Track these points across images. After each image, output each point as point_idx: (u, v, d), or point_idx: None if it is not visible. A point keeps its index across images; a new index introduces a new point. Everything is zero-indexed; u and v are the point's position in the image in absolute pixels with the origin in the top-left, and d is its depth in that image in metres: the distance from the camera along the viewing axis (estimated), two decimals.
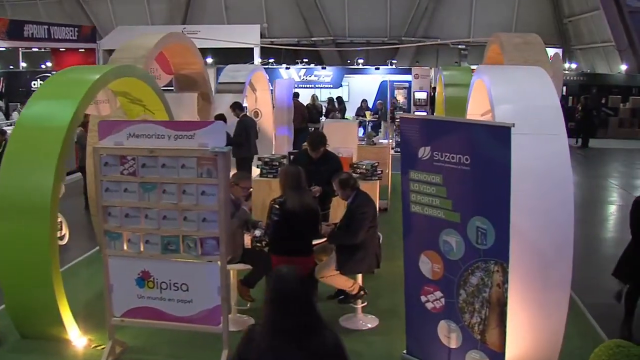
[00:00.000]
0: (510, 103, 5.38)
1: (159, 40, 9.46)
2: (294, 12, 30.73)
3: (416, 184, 4.92)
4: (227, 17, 31.40)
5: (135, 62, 8.92)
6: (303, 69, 23.34)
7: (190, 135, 5.28)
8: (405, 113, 11.61)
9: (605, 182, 16.04)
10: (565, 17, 28.73)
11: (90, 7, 32.55)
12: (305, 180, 5.86)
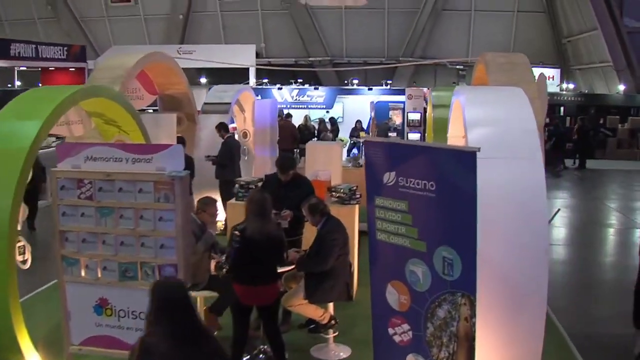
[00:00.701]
0: (484, 126, 5.16)
1: (138, 60, 9.29)
2: (292, 32, 30.77)
3: (381, 211, 4.67)
4: (224, 36, 31.46)
5: (114, 81, 8.76)
6: (296, 90, 23.21)
7: (148, 158, 5.09)
8: (374, 137, 11.27)
9: (602, 204, 15.78)
10: (564, 37, 28.66)
11: (88, 26, 32.70)
12: (273, 205, 5.64)
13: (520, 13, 29.01)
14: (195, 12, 31.49)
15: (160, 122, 9.33)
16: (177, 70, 11.13)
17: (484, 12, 29.03)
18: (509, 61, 8.59)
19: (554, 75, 27.17)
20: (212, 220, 6.22)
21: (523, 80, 8.06)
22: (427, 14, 28.80)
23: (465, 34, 29.58)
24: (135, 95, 10.78)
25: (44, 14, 32.46)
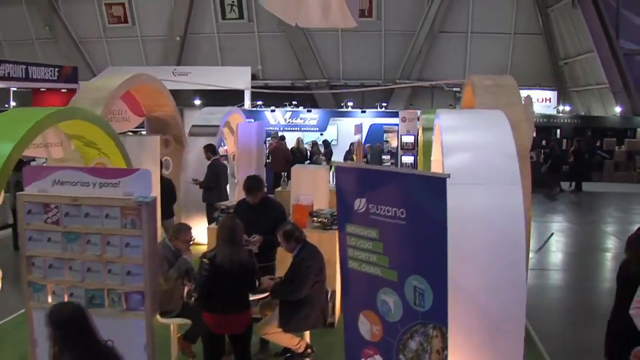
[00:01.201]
0: (462, 151, 5.03)
1: (122, 82, 9.20)
2: (288, 54, 30.76)
3: (353, 239, 4.54)
4: (221, 58, 31.47)
5: (96, 103, 8.66)
6: (289, 112, 23.15)
7: (115, 183, 4.96)
8: (347, 163, 11.02)
9: (598, 228, 15.60)
10: (561, 59, 28.66)
11: (86, 47, 32.75)
12: (244, 231, 5.49)
13: (517, 35, 29.00)
14: (192, 34, 31.49)
15: (144, 144, 9.22)
16: (164, 93, 11.05)
17: (480, 34, 29.02)
18: (496, 83, 8.47)
19: (550, 97, 27.18)
20: (185, 246, 6.08)
21: (510, 103, 7.95)
22: (423, 36, 28.81)
23: (462, 56, 29.57)
24: (121, 117, 10.68)
25: (42, 35, 32.54)
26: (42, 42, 32.84)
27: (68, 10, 31.87)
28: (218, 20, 30.88)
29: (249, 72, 26.73)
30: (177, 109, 11.70)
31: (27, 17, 32.32)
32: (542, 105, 26.76)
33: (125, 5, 31.23)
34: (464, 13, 28.78)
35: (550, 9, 27.62)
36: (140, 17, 31.50)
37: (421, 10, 28.81)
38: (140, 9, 31.23)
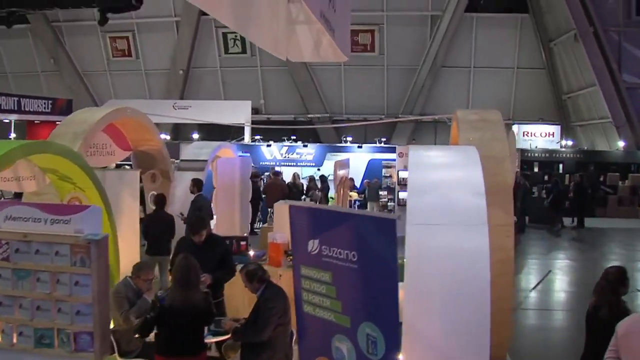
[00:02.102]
0: (427, 189, 4.83)
1: (103, 116, 9.09)
2: (291, 89, 30.83)
3: (307, 281, 4.35)
4: (224, 92, 31.59)
5: (75, 136, 8.54)
6: (285, 147, 23.06)
7: (67, 220, 4.81)
8: (301, 202, 10.66)
9: (600, 266, 15.18)
10: (564, 94, 28.54)
11: (90, 79, 33.05)
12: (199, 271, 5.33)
13: (520, 70, 28.98)
14: (195, 68, 31.69)
15: (123, 178, 9.09)
16: (150, 127, 10.94)
17: (483, 69, 29.02)
18: (481, 118, 8.29)
19: (554, 131, 26.99)
20: (147, 285, 5.89)
21: (494, 139, 7.76)
22: (426, 70, 28.83)
23: (465, 91, 29.54)
24: (106, 151, 10.59)
25: (47, 67, 32.92)
26: (46, 74, 33.25)
27: (73, 43, 32.28)
28: (221, 54, 31.07)
29: (249, 106, 26.74)
30: (164, 143, 11.60)
31: (32, 50, 32.80)
32: (545, 140, 26.61)
33: (129, 39, 31.55)
34: (467, 48, 28.83)
35: (553, 43, 27.60)
36: (144, 51, 31.79)
37: (423, 45, 28.87)
38: (144, 42, 31.53)
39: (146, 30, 30.96)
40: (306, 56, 10.80)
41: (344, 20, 10.68)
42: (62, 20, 31.45)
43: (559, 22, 26.37)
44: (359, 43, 29.30)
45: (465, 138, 7.84)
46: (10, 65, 33.46)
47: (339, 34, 10.22)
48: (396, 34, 28.91)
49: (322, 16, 8.18)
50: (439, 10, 27.99)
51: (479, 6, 28.16)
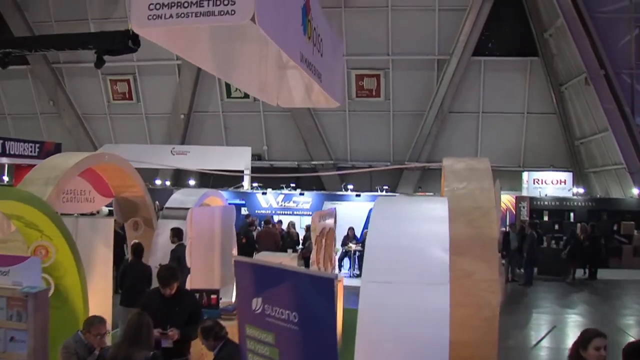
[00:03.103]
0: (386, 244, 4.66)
1: (78, 162, 9.05)
2: (295, 135, 30.91)
3: (252, 342, 4.16)
4: (226, 137, 31.71)
5: (47, 182, 8.51)
6: (281, 195, 22.95)
7: (5, 271, 4.68)
8: (245, 257, 10.34)
9: (611, 321, 14.81)
10: (577, 139, 28.35)
11: (90, 122, 33.38)
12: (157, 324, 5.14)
13: (530, 115, 28.93)
14: (196, 112, 31.93)
15: (96, 226, 8.97)
16: (131, 173, 10.89)
17: (492, 114, 28.99)
18: (468, 167, 8.14)
19: (565, 179, 26.71)
20: (98, 340, 5.69)
21: (480, 189, 7.60)
22: (433, 116, 28.81)
23: (473, 137, 29.47)
24: (84, 197, 10.51)
25: (47, 110, 33.33)
26: (46, 116, 33.67)
27: (73, 85, 32.76)
28: (223, 98, 31.32)
29: (249, 152, 26.75)
30: (147, 190, 11.53)
31: (32, 91, 33.28)
32: (557, 188, 26.31)
33: (130, 82, 31.94)
34: (475, 93, 28.89)
35: (564, 87, 27.55)
36: (145, 94, 32.16)
37: (430, 91, 28.96)
38: (145, 86, 31.90)
39: (147, 73, 31.36)
40: (297, 102, 10.77)
41: (333, 65, 10.63)
42: (62, 62, 32.03)
43: (570, 65, 26.40)
44: (364, 88, 29.49)
45: (449, 188, 7.69)
46: (9, 107, 33.95)
47: (328, 79, 10.16)
48: (402, 78, 29.08)
49: (303, 60, 8.13)
50: (446, 54, 28.15)
51: (487, 50, 28.31)
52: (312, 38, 8.66)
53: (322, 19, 9.56)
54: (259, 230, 18.44)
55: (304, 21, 8.15)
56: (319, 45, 9.33)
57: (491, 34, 28.19)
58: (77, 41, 19.86)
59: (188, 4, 5.80)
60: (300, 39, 8.00)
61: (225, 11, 5.70)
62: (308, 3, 8.30)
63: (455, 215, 7.28)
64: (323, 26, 9.72)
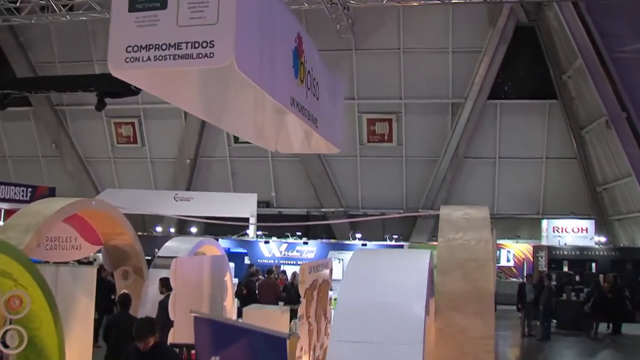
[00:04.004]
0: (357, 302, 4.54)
1: (61, 208, 9.07)
2: (304, 181, 30.95)
3: None
4: (233, 183, 31.78)
5: (27, 229, 8.52)
6: (284, 244, 22.84)
7: None
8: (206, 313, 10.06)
9: None
10: (599, 185, 28.04)
11: (93, 166, 33.65)
12: None
13: (549, 160, 28.74)
14: (203, 157, 32.09)
15: (78, 276, 8.91)
16: (120, 220, 10.89)
17: (509, 160, 28.87)
18: (465, 215, 8.05)
19: (587, 227, 26.36)
20: None
21: (477, 239, 7.50)
22: (447, 162, 28.74)
23: (490, 183, 29.30)
24: (70, 245, 10.50)
25: (49, 152, 33.67)
26: (47, 159, 33.99)
27: (77, 127, 33.12)
28: (230, 143, 31.47)
29: (255, 199, 26.71)
30: (137, 238, 11.50)
31: (34, 133, 33.63)
32: (578, 236, 25.96)
33: (134, 125, 32.23)
34: (491, 137, 28.84)
35: (584, 131, 27.36)
36: (150, 138, 32.42)
37: (444, 135, 28.99)
38: (151, 129, 32.19)
39: (153, 116, 31.62)
40: (296, 147, 10.73)
41: (331, 109, 10.60)
42: (65, 104, 32.50)
43: (590, 107, 26.30)
44: (376, 133, 29.59)
45: (444, 239, 7.58)
46: (10, 149, 34.32)
47: (325, 124, 10.12)
48: (415, 123, 29.18)
49: (295, 104, 8.11)
50: (461, 97, 28.24)
51: (503, 92, 28.36)
52: (305, 81, 8.63)
53: (318, 61, 9.56)
54: (262, 280, 18.29)
55: (296, 64, 8.14)
56: (315, 89, 9.31)
57: (507, 77, 28.28)
58: (77, 83, 20.16)
59: (166, 47, 5.81)
60: (291, 83, 7.98)
61: (204, 54, 5.72)
62: (300, 46, 8.32)
63: (450, 268, 7.19)
64: (319, 69, 9.71)
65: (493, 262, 7.29)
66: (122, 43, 5.90)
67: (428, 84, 28.37)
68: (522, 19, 27.27)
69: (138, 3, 5.88)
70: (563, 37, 25.99)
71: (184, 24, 5.74)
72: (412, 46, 27.87)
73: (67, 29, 28.86)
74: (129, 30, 5.87)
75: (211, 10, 5.67)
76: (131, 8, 5.89)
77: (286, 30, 7.75)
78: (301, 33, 8.29)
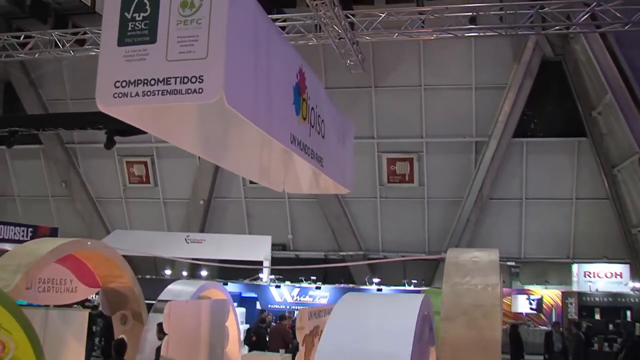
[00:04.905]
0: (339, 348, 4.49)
1: (55, 247, 9.13)
2: (322, 223, 30.93)
3: None
4: (248, 225, 31.84)
5: (17, 269, 8.57)
6: (296, 288, 22.71)
7: None
8: None
9: None
10: (633, 227, 27.51)
11: (104, 206, 33.93)
12: None
13: (579, 200, 28.37)
14: (217, 198, 32.22)
15: (69, 320, 8.96)
16: (118, 262, 10.94)
17: (537, 201, 28.61)
18: (473, 258, 7.98)
19: (621, 272, 25.91)
20: None
21: (484, 284, 7.41)
22: (471, 203, 28.49)
23: (516, 225, 29.00)
24: (65, 287, 10.55)
25: (58, 192, 34.02)
26: (57, 199, 34.35)
27: (87, 166, 33.50)
28: (246, 184, 31.45)
29: (269, 241, 26.69)
30: (136, 281, 11.52)
31: (44, 172, 34.07)
32: (611, 282, 25.53)
33: (147, 164, 32.52)
34: (517, 177, 28.64)
35: (617, 169, 27.00)
36: (163, 178, 32.68)
37: (468, 175, 28.84)
38: (163, 169, 32.46)
39: (166, 155, 31.88)
40: (305, 187, 10.72)
41: (339, 148, 10.61)
42: (76, 142, 32.92)
43: (621, 145, 26.00)
44: (397, 173, 29.55)
45: (449, 283, 7.50)
46: (19, 188, 34.76)
47: (332, 163, 10.12)
48: (437, 162, 29.10)
49: (295, 142, 8.11)
50: (485, 136, 28.14)
51: (530, 130, 28.23)
52: (308, 119, 8.63)
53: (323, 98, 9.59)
54: (273, 327, 18.23)
55: (297, 100, 8.15)
56: (320, 127, 9.31)
57: (533, 113, 28.16)
58: (85, 120, 20.42)
59: (155, 82, 5.87)
60: (291, 120, 7.98)
61: (193, 89, 5.77)
62: (302, 82, 8.34)
63: (454, 314, 7.11)
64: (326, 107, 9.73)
65: (500, 309, 7.18)
66: (110, 78, 5.99)
67: (450, 122, 28.33)
68: (548, 53, 27.19)
69: (127, 37, 5.97)
70: (591, 71, 25.82)
71: (173, 59, 5.80)
72: (433, 83, 27.92)
73: (79, 66, 29.27)
74: (117, 65, 5.95)
75: (201, 44, 5.74)
76: (120, 42, 5.98)
77: (286, 65, 7.79)
78: (303, 68, 8.33)
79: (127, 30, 5.99)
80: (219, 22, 5.74)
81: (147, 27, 5.93)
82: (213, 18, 5.75)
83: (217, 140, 8.45)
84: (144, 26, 5.95)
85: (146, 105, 6.12)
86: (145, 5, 5.97)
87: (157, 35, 5.87)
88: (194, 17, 5.82)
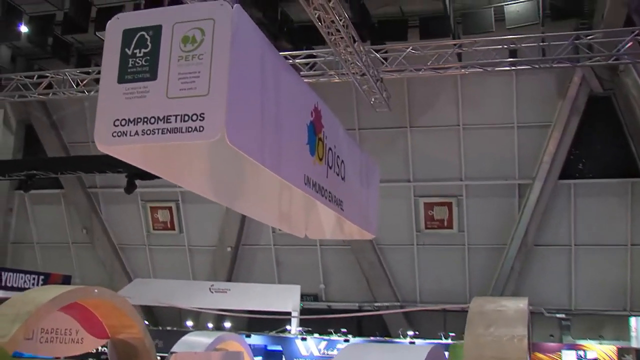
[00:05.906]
0: None
1: (57, 295, 9.21)
2: (356, 272, 30.67)
3: None
4: (278, 273, 31.72)
5: (16, 319, 8.63)
6: (324, 341, 22.48)
7: None
8: None
9: None
10: None
11: (126, 254, 34.02)
12: None
13: (635, 247, 27.56)
14: (245, 245, 32.19)
15: None
16: (128, 312, 10.99)
17: (587, 247, 27.99)
18: (499, 307, 7.86)
19: None
20: None
21: (510, 335, 7.29)
22: (515, 250, 27.97)
23: (565, 274, 28.33)
24: (70, 338, 10.64)
25: (79, 239, 34.26)
26: (77, 246, 34.52)
27: (110, 212, 33.74)
28: (275, 230, 31.31)
29: (298, 291, 26.56)
30: (147, 332, 11.56)
31: (64, 218, 34.36)
32: None
33: (172, 210, 32.67)
34: (564, 222, 28.08)
35: None
36: (189, 224, 32.74)
37: (511, 220, 28.38)
38: (189, 215, 32.55)
39: (191, 200, 31.83)
40: (328, 233, 10.67)
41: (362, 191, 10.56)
42: (99, 186, 33.25)
43: None
44: (434, 218, 29.28)
45: (472, 334, 7.40)
46: (38, 235, 35.06)
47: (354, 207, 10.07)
48: (478, 207, 28.76)
49: (310, 184, 8.06)
50: (528, 178, 27.79)
51: (577, 171, 27.79)
52: (325, 159, 8.58)
53: (343, 138, 9.56)
54: None
55: (312, 140, 8.11)
56: (339, 168, 9.25)
57: (581, 153, 27.66)
58: (104, 164, 20.64)
59: (155, 120, 5.92)
60: (305, 160, 7.91)
61: (194, 127, 5.80)
62: (318, 120, 8.31)
63: None
64: (346, 147, 9.69)
65: None
66: (110, 116, 6.03)
67: (491, 163, 28.04)
68: (596, 88, 26.76)
69: (128, 74, 6.05)
70: None
71: (173, 96, 5.84)
72: (472, 122, 27.74)
73: None
74: (117, 103, 6.01)
75: (202, 81, 5.78)
76: (120, 79, 6.05)
77: (299, 102, 7.76)
78: (319, 106, 8.32)
79: (127, 66, 6.07)
80: (221, 57, 5.78)
81: (148, 64, 6.00)
82: (215, 53, 5.79)
83: (230, 183, 8.40)
84: (144, 62, 6.02)
85: (146, 144, 6.16)
86: (147, 41, 6.05)
87: (157, 72, 5.93)
88: (196, 52, 5.87)
